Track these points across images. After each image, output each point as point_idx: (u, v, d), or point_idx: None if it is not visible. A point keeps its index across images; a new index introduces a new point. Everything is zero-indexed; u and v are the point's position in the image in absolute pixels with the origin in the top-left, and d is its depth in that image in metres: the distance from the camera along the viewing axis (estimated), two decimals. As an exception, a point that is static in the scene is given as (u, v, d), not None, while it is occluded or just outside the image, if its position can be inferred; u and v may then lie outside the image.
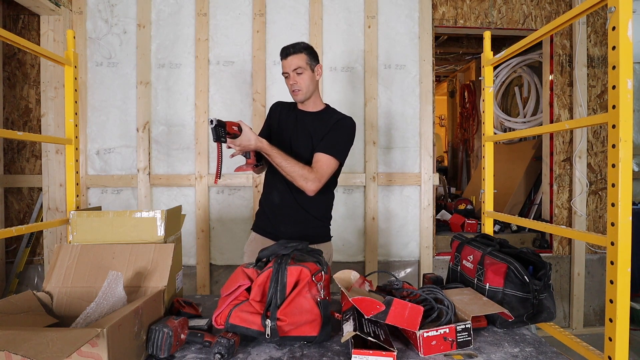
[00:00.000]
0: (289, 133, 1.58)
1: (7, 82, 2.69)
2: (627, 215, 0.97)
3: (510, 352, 1.00)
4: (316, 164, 1.47)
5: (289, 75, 1.51)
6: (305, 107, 1.61)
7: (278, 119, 1.63)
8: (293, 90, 1.53)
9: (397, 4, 2.66)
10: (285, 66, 1.51)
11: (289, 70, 1.50)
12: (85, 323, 0.97)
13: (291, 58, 1.49)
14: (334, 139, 1.52)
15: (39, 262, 2.69)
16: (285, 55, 1.50)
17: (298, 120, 1.59)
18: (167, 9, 2.58)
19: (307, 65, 1.51)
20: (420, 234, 2.69)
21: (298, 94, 1.53)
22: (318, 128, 1.55)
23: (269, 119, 1.67)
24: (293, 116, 1.61)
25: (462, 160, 5.43)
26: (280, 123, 1.62)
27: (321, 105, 1.63)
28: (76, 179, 1.56)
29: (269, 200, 1.61)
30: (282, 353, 1.00)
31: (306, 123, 1.58)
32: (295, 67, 1.49)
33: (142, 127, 2.55)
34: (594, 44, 2.83)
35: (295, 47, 1.50)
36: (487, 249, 1.28)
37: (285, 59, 1.50)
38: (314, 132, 1.55)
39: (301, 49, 1.51)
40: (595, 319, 2.83)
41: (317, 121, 1.58)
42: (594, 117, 1.09)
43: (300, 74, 1.50)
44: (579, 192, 2.79)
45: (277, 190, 1.58)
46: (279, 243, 1.13)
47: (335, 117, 1.58)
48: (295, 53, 1.49)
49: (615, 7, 0.97)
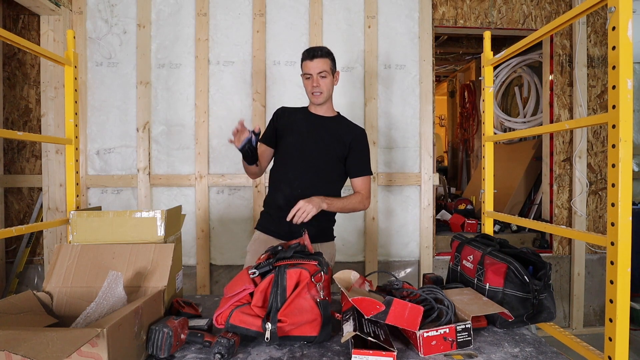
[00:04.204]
0: (301, 135, 1.60)
1: (7, 82, 2.69)
2: (627, 215, 0.97)
3: (510, 352, 1.00)
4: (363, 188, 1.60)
5: (311, 76, 1.53)
6: (318, 111, 1.63)
7: (286, 122, 1.64)
8: (314, 92, 1.55)
9: (397, 4, 2.66)
10: (310, 67, 1.52)
11: (313, 73, 1.52)
12: (85, 323, 0.97)
13: (317, 61, 1.51)
14: (362, 158, 1.62)
15: (39, 262, 2.69)
16: (311, 57, 1.52)
17: (312, 123, 1.62)
18: (167, 9, 2.58)
19: (330, 70, 1.55)
20: (420, 234, 2.69)
21: (319, 97, 1.56)
22: (334, 133, 1.60)
23: (275, 122, 1.67)
24: (303, 119, 1.63)
25: (462, 160, 5.43)
26: (290, 125, 1.63)
27: (334, 112, 1.67)
28: (76, 179, 1.56)
29: (274, 202, 1.62)
30: (282, 353, 1.00)
31: (321, 127, 1.61)
32: (320, 71, 1.52)
33: (142, 127, 2.55)
34: (594, 44, 2.83)
35: (322, 51, 1.53)
36: (487, 249, 1.28)
37: (311, 61, 1.52)
38: (330, 136, 1.59)
39: (326, 54, 1.54)
40: (595, 319, 2.83)
41: (333, 126, 1.62)
42: (594, 117, 1.09)
43: (324, 77, 1.53)
44: (579, 192, 2.79)
45: (282, 192, 1.58)
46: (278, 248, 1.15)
47: (350, 129, 1.64)
48: (322, 57, 1.52)
49: (615, 7, 0.97)
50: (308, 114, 1.65)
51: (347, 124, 1.66)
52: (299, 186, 1.55)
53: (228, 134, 2.55)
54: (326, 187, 1.59)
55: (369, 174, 1.63)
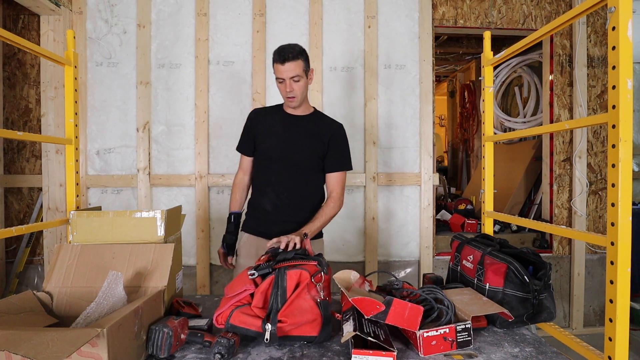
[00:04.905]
0: (279, 138, 1.57)
1: (7, 82, 2.68)
2: (627, 215, 0.97)
3: (510, 352, 1.00)
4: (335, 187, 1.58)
5: (284, 81, 1.46)
6: (294, 111, 1.59)
7: (263, 125, 1.61)
8: (288, 97, 1.50)
9: (397, 4, 2.66)
10: (281, 71, 1.44)
11: (285, 77, 1.45)
12: (85, 323, 0.97)
13: (289, 65, 1.43)
14: (340, 153, 1.59)
15: (39, 262, 2.69)
16: (282, 60, 1.43)
17: (289, 124, 1.58)
18: (167, 9, 2.58)
19: (304, 72, 1.47)
20: (420, 234, 2.69)
21: (293, 101, 1.51)
22: (313, 132, 1.57)
23: (251, 128, 1.62)
24: (280, 121, 1.59)
25: (462, 160, 5.43)
26: (267, 128, 1.59)
27: (310, 109, 1.63)
28: (76, 179, 1.56)
29: (261, 206, 1.61)
30: (282, 353, 1.00)
31: (299, 127, 1.58)
32: (293, 75, 1.44)
33: (142, 127, 2.55)
34: (594, 44, 2.82)
35: (293, 53, 1.43)
36: (487, 249, 1.28)
37: (282, 64, 1.43)
38: (308, 135, 1.56)
39: (298, 54, 1.45)
40: (595, 319, 2.83)
41: (310, 125, 1.59)
42: (594, 117, 1.09)
43: (297, 81, 1.46)
44: (579, 192, 2.79)
45: (268, 197, 1.58)
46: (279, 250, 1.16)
47: (328, 125, 1.61)
48: (294, 59, 1.43)
49: (615, 7, 0.97)
50: (284, 115, 1.60)
51: (324, 121, 1.62)
52: (284, 190, 1.55)
53: (228, 133, 2.57)
54: (310, 186, 1.60)
55: (347, 169, 1.60)
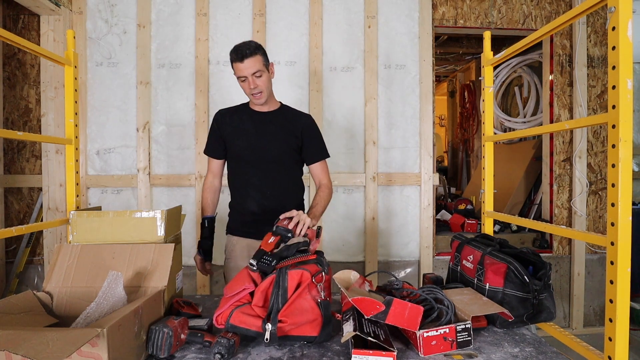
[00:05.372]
0: (251, 136, 1.55)
1: (7, 82, 2.69)
2: (627, 215, 0.97)
3: (510, 352, 1.00)
4: (322, 176, 1.61)
5: (246, 79, 1.44)
6: (262, 107, 1.57)
7: (230, 126, 1.58)
8: (253, 94, 1.48)
9: (397, 4, 2.66)
10: (242, 69, 1.42)
11: (247, 74, 1.42)
12: (85, 323, 0.97)
13: (248, 61, 1.40)
14: (317, 144, 1.61)
15: (39, 262, 2.69)
16: (240, 58, 1.40)
17: (258, 122, 1.56)
18: (167, 9, 2.58)
19: (264, 66, 1.46)
20: (420, 234, 2.69)
21: (260, 97, 1.49)
22: (284, 127, 1.56)
23: (218, 131, 1.60)
24: (248, 119, 1.57)
25: (462, 160, 5.43)
26: (236, 128, 1.57)
27: (277, 104, 1.62)
28: (76, 179, 1.56)
29: (245, 208, 1.60)
30: (282, 353, 1.00)
31: (268, 123, 1.56)
32: (255, 71, 1.42)
33: (142, 127, 2.55)
34: (594, 44, 2.82)
35: (250, 49, 1.41)
36: (487, 249, 1.28)
37: (241, 62, 1.40)
38: (280, 130, 1.56)
39: (255, 49, 1.42)
40: (595, 319, 2.83)
41: (280, 120, 1.58)
42: (594, 117, 1.09)
43: (259, 76, 1.45)
44: (579, 192, 2.79)
45: (252, 198, 1.57)
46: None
47: (298, 118, 1.61)
48: (252, 55, 1.41)
49: (615, 7, 0.97)
50: (252, 113, 1.58)
51: (293, 114, 1.62)
52: (267, 188, 1.55)
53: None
54: (291, 180, 1.62)
55: (327, 157, 1.63)
